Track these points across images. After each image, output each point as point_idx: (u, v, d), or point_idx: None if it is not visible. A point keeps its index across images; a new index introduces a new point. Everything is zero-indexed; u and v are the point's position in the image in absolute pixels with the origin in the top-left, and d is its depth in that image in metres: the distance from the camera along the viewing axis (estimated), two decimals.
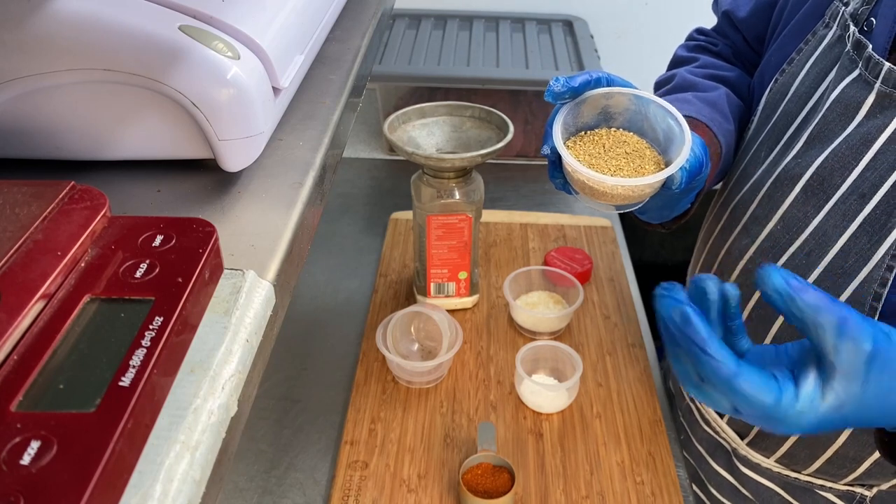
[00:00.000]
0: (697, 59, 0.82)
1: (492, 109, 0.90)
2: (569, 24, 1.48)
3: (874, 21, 0.59)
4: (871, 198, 0.57)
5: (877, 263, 0.57)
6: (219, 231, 0.30)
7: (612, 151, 0.58)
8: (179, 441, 0.25)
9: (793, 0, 0.70)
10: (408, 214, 1.21)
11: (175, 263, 0.28)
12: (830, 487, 0.72)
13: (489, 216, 1.20)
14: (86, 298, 0.27)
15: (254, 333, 0.31)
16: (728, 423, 0.77)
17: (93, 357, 0.24)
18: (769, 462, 0.74)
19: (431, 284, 0.98)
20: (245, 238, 0.36)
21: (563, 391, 0.86)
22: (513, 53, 1.35)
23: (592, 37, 1.45)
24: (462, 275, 0.98)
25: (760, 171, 0.68)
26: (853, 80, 0.59)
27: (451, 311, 0.99)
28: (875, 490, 0.70)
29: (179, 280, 0.27)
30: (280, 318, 0.36)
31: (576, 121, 0.59)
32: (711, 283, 0.45)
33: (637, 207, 0.60)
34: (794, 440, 0.69)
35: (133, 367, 0.24)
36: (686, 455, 0.86)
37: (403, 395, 0.89)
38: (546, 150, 0.58)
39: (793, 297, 0.41)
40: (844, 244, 0.59)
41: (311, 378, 0.94)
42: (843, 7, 0.63)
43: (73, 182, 0.31)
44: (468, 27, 1.46)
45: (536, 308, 0.99)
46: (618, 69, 0.65)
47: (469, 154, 0.84)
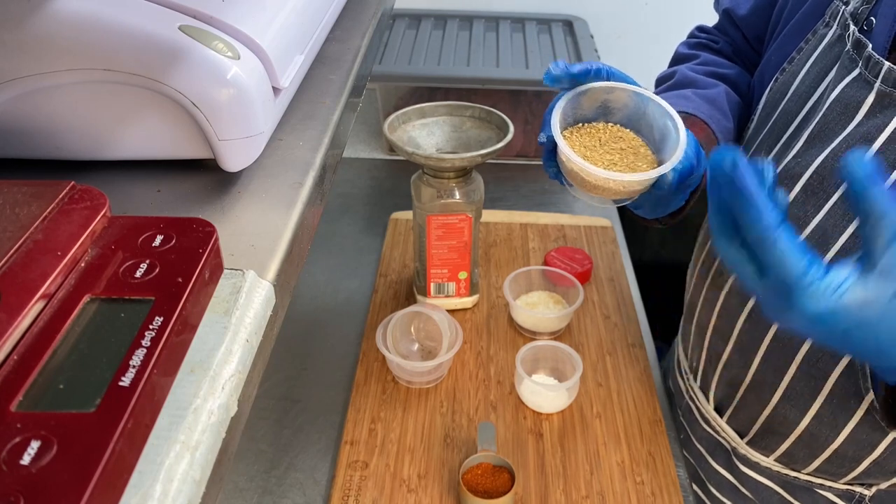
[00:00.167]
0: (698, 57, 0.82)
1: (492, 109, 0.90)
2: (569, 24, 1.48)
3: (874, 20, 0.59)
4: None
5: None
6: (219, 231, 0.31)
7: (608, 146, 0.58)
8: (179, 441, 0.25)
9: None
10: (408, 214, 1.21)
11: (175, 263, 0.28)
12: (830, 486, 0.72)
13: (489, 216, 1.20)
14: (86, 298, 0.27)
15: (254, 333, 0.31)
16: (728, 422, 0.77)
17: (93, 357, 0.24)
18: (769, 461, 0.74)
19: (431, 284, 0.98)
20: (245, 238, 0.36)
21: (563, 391, 0.86)
22: (513, 53, 1.35)
23: (592, 37, 1.45)
24: (462, 275, 0.98)
25: None
26: (853, 80, 0.59)
27: (451, 311, 0.99)
28: (874, 489, 0.70)
29: (179, 280, 0.27)
30: (280, 318, 0.36)
31: (575, 112, 0.59)
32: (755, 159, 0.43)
33: (628, 202, 0.61)
34: (794, 440, 0.69)
35: (133, 367, 0.24)
36: (686, 454, 0.86)
37: (403, 395, 0.89)
38: (543, 138, 0.58)
39: (868, 187, 0.39)
40: (844, 244, 0.59)
41: (311, 378, 0.94)
42: (843, 6, 0.63)
43: (73, 182, 0.31)
44: (468, 27, 1.46)
45: (536, 308, 0.99)
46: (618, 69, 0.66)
47: (469, 154, 0.84)
